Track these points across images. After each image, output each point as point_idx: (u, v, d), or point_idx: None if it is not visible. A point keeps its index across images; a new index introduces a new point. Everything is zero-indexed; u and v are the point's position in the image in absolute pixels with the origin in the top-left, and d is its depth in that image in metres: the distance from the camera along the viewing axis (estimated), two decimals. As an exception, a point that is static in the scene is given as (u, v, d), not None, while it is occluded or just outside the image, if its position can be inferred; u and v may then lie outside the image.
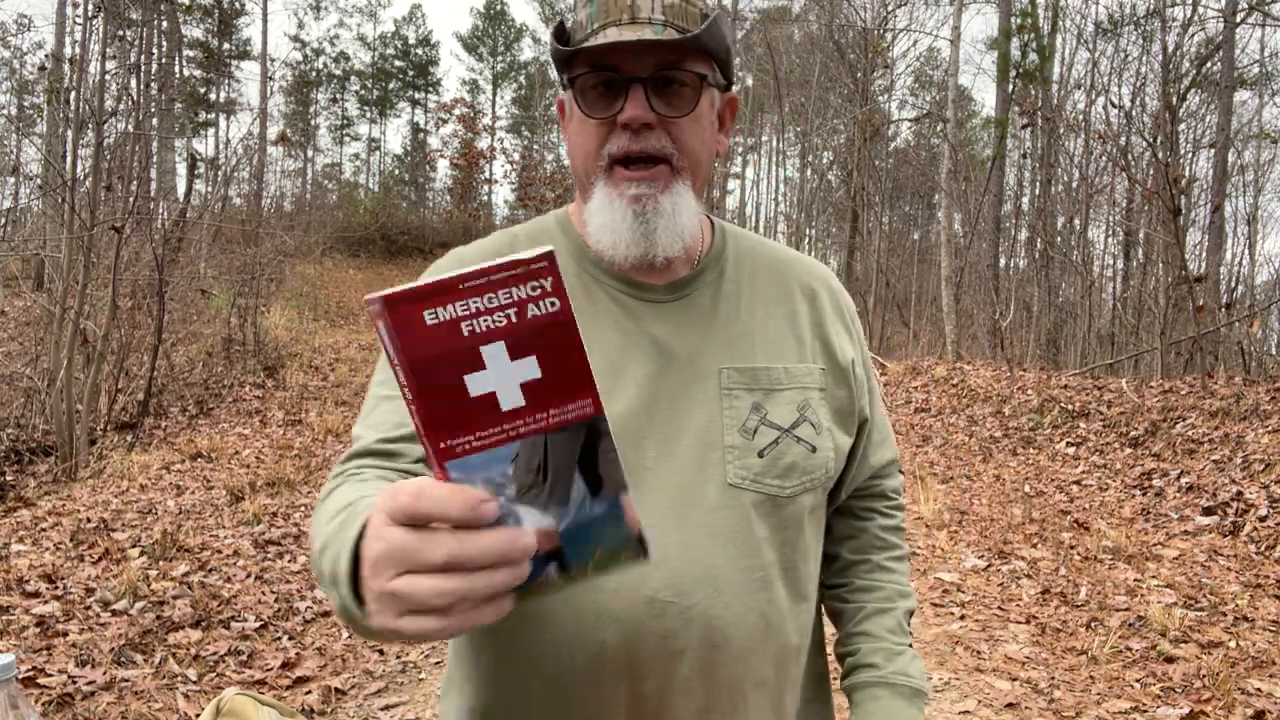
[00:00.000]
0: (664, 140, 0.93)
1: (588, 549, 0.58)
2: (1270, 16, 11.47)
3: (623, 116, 0.91)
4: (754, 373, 0.98)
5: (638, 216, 0.93)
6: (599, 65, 0.92)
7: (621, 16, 0.91)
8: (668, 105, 0.93)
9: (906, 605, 1.09)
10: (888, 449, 1.12)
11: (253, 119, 26.58)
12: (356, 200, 36.12)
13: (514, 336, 0.52)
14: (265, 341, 12.04)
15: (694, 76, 0.93)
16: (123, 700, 2.88)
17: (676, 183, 0.95)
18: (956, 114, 14.78)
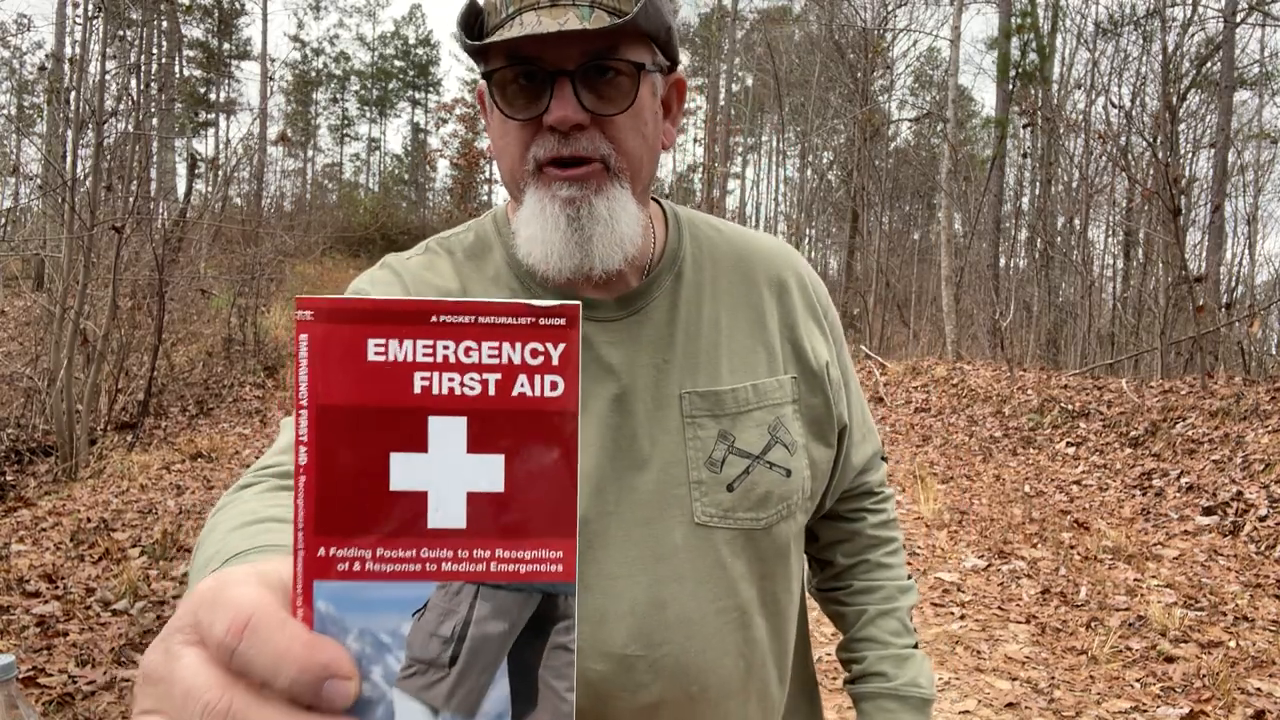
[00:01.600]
0: (598, 140, 0.80)
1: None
2: (1270, 16, 11.48)
3: (548, 118, 0.78)
4: (718, 396, 0.87)
5: (571, 222, 0.80)
6: (517, 58, 0.78)
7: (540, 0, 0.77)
8: (601, 100, 0.79)
9: (908, 601, 1.07)
10: (869, 443, 1.05)
11: (253, 119, 26.60)
12: (356, 200, 36.15)
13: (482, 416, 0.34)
14: (265, 341, 12.04)
15: (630, 65, 0.79)
16: (123, 700, 2.88)
17: (612, 185, 0.81)
18: (956, 114, 14.78)
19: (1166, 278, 11.98)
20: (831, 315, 1.00)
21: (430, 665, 0.35)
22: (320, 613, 0.34)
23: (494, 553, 0.35)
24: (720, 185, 22.15)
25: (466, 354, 0.34)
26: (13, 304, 13.37)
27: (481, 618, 0.35)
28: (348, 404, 0.34)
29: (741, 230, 0.99)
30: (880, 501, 1.09)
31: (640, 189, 0.85)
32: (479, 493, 0.34)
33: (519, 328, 0.35)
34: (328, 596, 0.34)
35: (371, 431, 0.34)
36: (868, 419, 1.07)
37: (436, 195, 44.75)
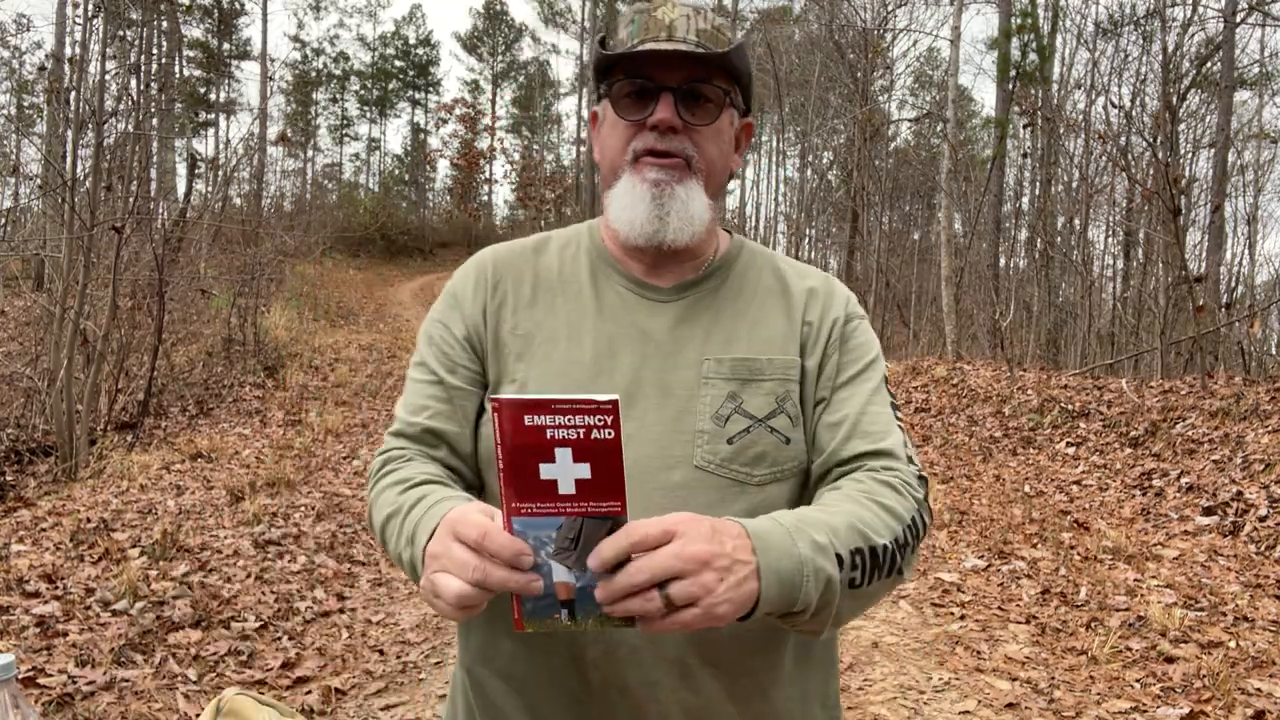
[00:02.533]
0: (685, 144, 1.04)
1: (592, 608, 0.78)
2: (1270, 16, 11.47)
3: (652, 119, 1.02)
4: (735, 363, 1.04)
5: (655, 199, 1.03)
6: (635, 73, 1.04)
7: (659, 35, 1.04)
8: (693, 114, 1.04)
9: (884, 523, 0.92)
10: (877, 441, 1.01)
11: (253, 119, 26.59)
12: (356, 200, 36.12)
13: (579, 447, 0.73)
14: (265, 341, 12.04)
15: (718, 91, 1.04)
16: (123, 700, 2.88)
17: (691, 179, 1.04)
18: (956, 114, 14.78)
19: (1166, 278, 11.98)
20: (839, 342, 1.09)
21: (565, 550, 0.76)
22: (516, 529, 0.76)
23: (588, 504, 0.75)
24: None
25: (569, 420, 0.73)
26: (13, 304, 13.37)
27: (586, 530, 0.76)
28: (519, 444, 0.73)
29: (795, 261, 1.19)
30: (885, 469, 1.00)
31: (712, 190, 1.07)
32: (580, 478, 0.74)
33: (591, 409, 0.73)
34: (518, 524, 0.76)
35: (530, 456, 0.74)
36: (880, 422, 1.03)
37: (436, 195, 44.75)
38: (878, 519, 0.92)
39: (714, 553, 0.77)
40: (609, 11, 29.15)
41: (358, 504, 5.58)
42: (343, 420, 8.03)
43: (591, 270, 1.12)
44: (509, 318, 1.09)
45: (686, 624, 0.76)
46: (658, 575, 0.75)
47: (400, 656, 3.54)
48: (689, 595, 0.75)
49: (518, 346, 1.07)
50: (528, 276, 1.12)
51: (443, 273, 31.46)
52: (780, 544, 0.82)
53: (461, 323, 1.10)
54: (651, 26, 1.05)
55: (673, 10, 1.05)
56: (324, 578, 4.28)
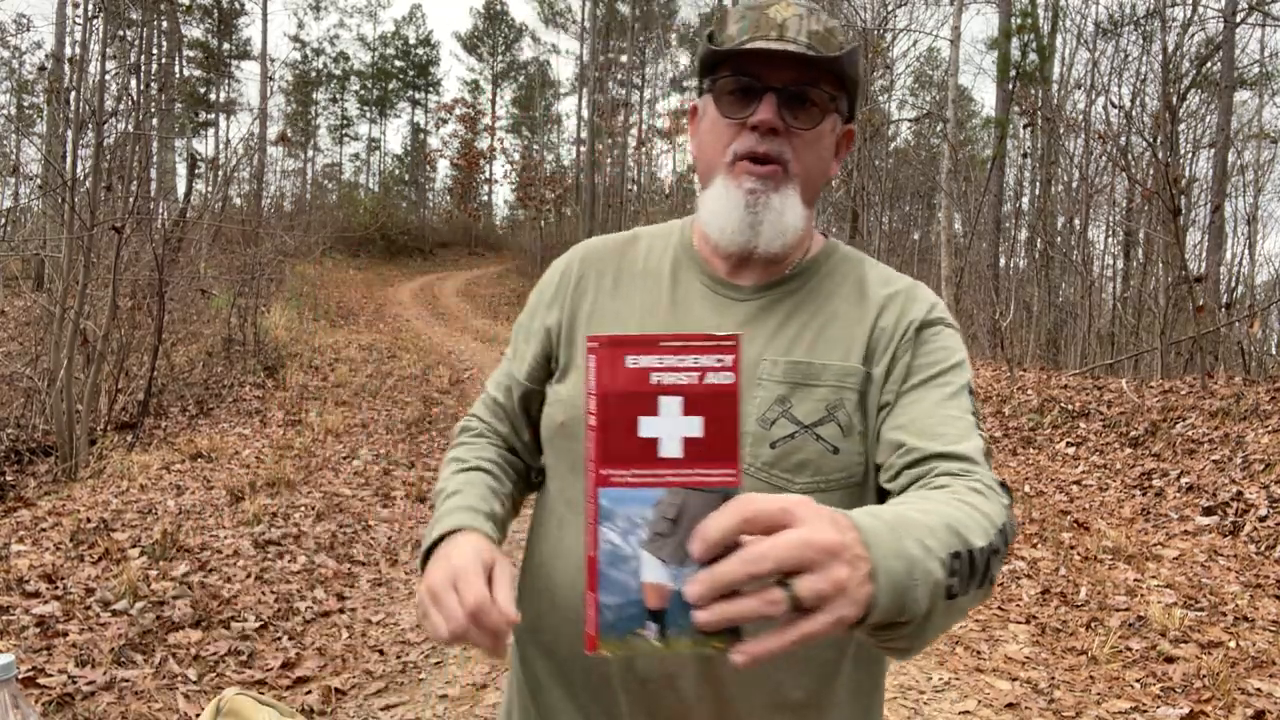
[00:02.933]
0: (785, 148, 1.01)
1: (688, 620, 0.60)
2: (1270, 16, 11.47)
3: (754, 119, 1.00)
4: (790, 365, 1.01)
5: (749, 207, 1.01)
6: (741, 71, 1.01)
7: (770, 33, 1.01)
8: (795, 117, 1.01)
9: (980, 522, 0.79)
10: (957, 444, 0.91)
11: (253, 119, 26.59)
12: (356, 200, 36.12)
13: (690, 395, 0.61)
14: (265, 341, 12.04)
15: (824, 96, 1.02)
16: (123, 700, 2.88)
17: (787, 186, 1.02)
18: (956, 114, 14.77)
19: (1166, 278, 11.98)
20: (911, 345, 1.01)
21: (661, 535, 0.61)
22: (603, 506, 0.62)
23: (696, 471, 0.61)
24: (720, 185, 22.01)
25: (679, 361, 0.61)
26: (13, 304, 13.37)
27: (690, 508, 0.61)
28: (615, 391, 0.62)
29: (889, 269, 1.13)
30: (961, 475, 0.89)
31: (807, 197, 1.05)
32: (689, 437, 0.61)
33: (707, 346, 0.61)
34: (606, 497, 0.62)
35: (628, 405, 0.61)
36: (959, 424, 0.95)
37: (436, 195, 44.76)
38: (972, 520, 0.78)
39: (842, 542, 0.61)
40: (609, 11, 29.13)
41: (358, 504, 5.58)
42: (343, 420, 8.03)
43: (674, 265, 1.12)
44: (586, 307, 1.12)
45: (811, 634, 0.60)
46: (784, 563, 0.58)
47: (400, 656, 3.54)
48: (818, 594, 0.59)
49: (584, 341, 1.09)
50: (610, 269, 1.14)
51: (443, 273, 31.48)
52: (888, 541, 0.67)
53: (542, 313, 1.16)
54: (762, 24, 1.02)
55: (786, 9, 1.02)
56: (324, 578, 4.28)
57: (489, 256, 37.14)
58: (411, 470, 6.63)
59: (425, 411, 8.90)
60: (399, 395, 9.83)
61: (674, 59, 36.21)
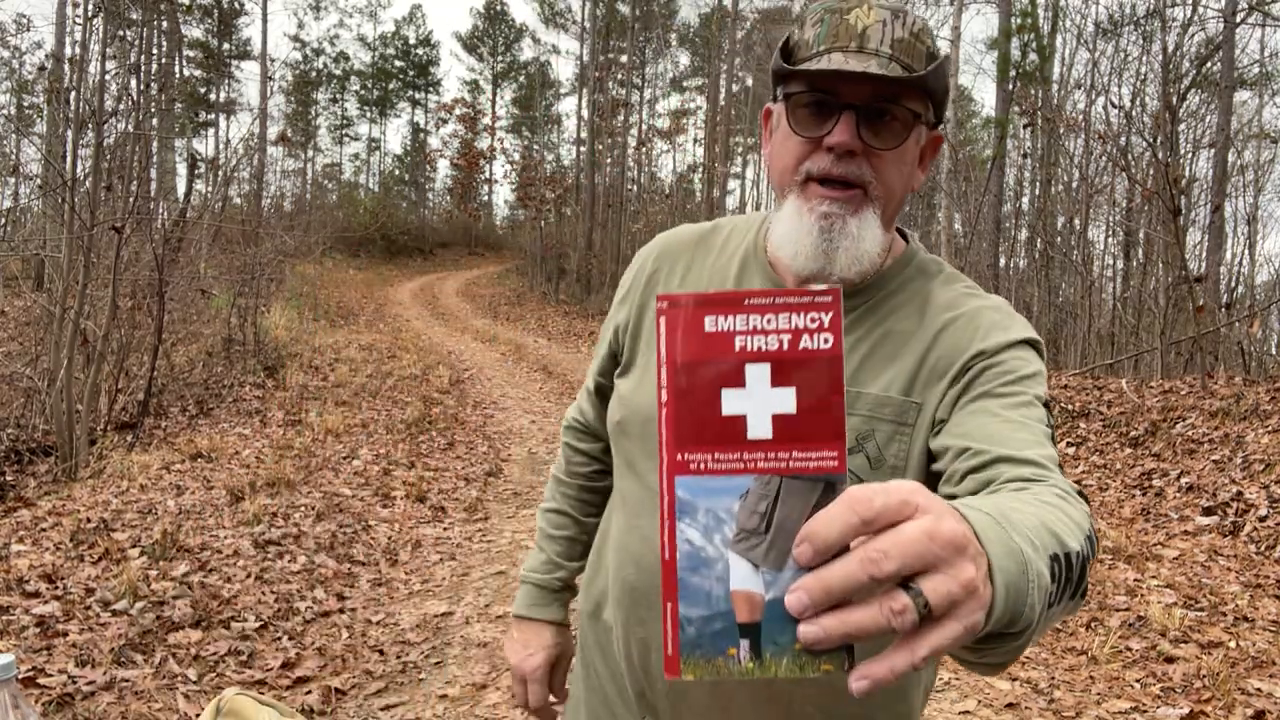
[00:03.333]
0: (864, 169, 0.94)
1: (788, 637, 0.49)
2: (1270, 16, 11.47)
3: (830, 139, 0.93)
4: None
5: (823, 233, 0.94)
6: (816, 86, 0.93)
7: (849, 44, 0.92)
8: (875, 136, 0.93)
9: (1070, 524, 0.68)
10: (1033, 450, 0.83)
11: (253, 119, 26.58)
12: (356, 200, 36.13)
13: (781, 362, 0.51)
14: (265, 341, 12.03)
15: (908, 113, 0.94)
16: (123, 700, 2.88)
17: (867, 209, 0.95)
18: (956, 114, 14.78)
19: (1166, 278, 11.98)
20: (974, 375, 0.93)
21: (751, 533, 0.51)
22: (680, 498, 0.51)
23: (791, 454, 0.51)
24: (720, 185, 22.13)
25: (768, 322, 0.52)
26: (13, 304, 13.37)
27: (785, 499, 0.51)
28: (692, 360, 0.52)
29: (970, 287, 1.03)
30: (1035, 479, 0.80)
31: (888, 217, 0.98)
32: (780, 414, 0.51)
33: (802, 304, 0.52)
34: (684, 487, 0.51)
35: (709, 378, 0.52)
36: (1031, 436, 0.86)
37: (436, 195, 44.76)
38: (1063, 522, 0.68)
39: (967, 535, 0.50)
40: (609, 11, 29.13)
41: (358, 504, 5.58)
42: (343, 420, 8.03)
43: (742, 266, 1.07)
44: (653, 302, 1.09)
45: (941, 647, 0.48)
46: (910, 564, 0.46)
47: (400, 656, 3.54)
48: (950, 597, 0.47)
49: (649, 331, 1.10)
50: (681, 265, 1.11)
51: (443, 273, 31.49)
52: (999, 537, 0.55)
53: (614, 313, 1.16)
54: (842, 33, 0.93)
55: (867, 14, 0.93)
56: (324, 578, 4.28)
57: (489, 256, 37.15)
58: (411, 470, 6.63)
59: (425, 411, 8.90)
60: (399, 395, 9.83)
61: (674, 59, 36.21)
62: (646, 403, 1.04)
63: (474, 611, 4.05)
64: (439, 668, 3.48)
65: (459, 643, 3.71)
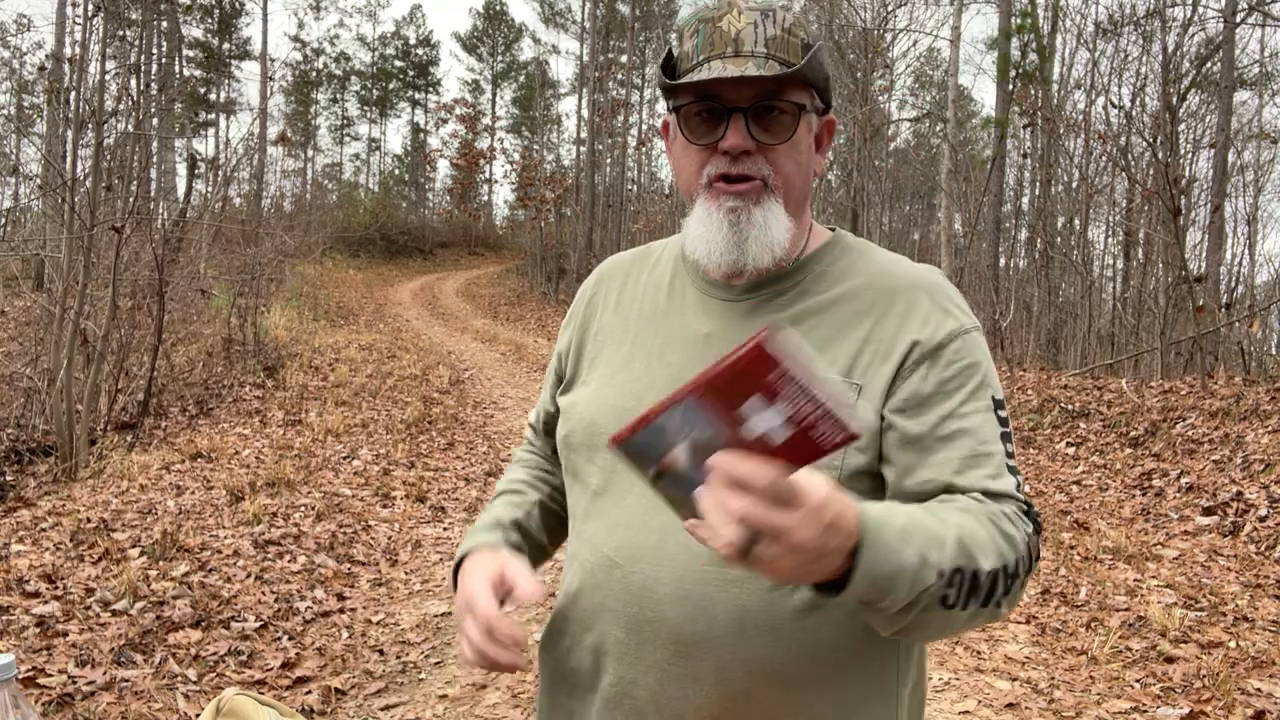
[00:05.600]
0: (760, 164, 0.99)
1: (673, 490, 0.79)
2: (1270, 16, 11.47)
3: (723, 144, 0.97)
4: None
5: (732, 226, 0.99)
6: (702, 95, 0.98)
7: (726, 49, 0.97)
8: (766, 133, 0.98)
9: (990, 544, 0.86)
10: (992, 481, 0.93)
11: (253, 119, 26.59)
12: (356, 200, 36.14)
13: (791, 419, 0.72)
14: (265, 341, 12.03)
15: (793, 106, 0.98)
16: (123, 700, 2.88)
17: (768, 199, 0.99)
18: (956, 114, 14.77)
19: (1166, 278, 11.98)
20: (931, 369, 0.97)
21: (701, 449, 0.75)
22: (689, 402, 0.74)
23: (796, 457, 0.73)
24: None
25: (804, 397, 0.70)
26: (13, 304, 13.37)
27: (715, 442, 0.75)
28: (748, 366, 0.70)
29: (897, 258, 1.09)
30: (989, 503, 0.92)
31: (792, 205, 1.02)
32: (770, 431, 0.72)
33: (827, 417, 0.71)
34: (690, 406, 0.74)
35: (753, 380, 0.70)
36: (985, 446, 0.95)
37: (436, 195, 44.77)
38: (991, 540, 0.86)
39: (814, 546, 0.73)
40: (609, 11, 29.13)
41: (358, 504, 5.58)
42: (343, 420, 8.03)
43: (672, 274, 1.13)
44: (594, 324, 1.17)
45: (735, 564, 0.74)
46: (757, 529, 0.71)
47: (400, 656, 3.54)
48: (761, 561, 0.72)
49: (593, 350, 1.15)
50: (618, 283, 1.17)
51: (442, 273, 31.49)
52: (884, 542, 0.78)
53: (561, 337, 1.22)
54: (717, 41, 0.97)
55: (739, 19, 0.97)
56: (324, 578, 4.28)
57: (489, 256, 37.15)
58: (411, 470, 6.63)
59: (425, 411, 8.90)
60: (399, 395, 9.83)
61: (674, 59, 36.09)
62: (590, 413, 1.08)
63: (474, 611, 4.04)
64: (439, 668, 3.48)
65: (459, 643, 3.71)
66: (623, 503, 1.02)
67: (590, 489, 1.07)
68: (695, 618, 0.95)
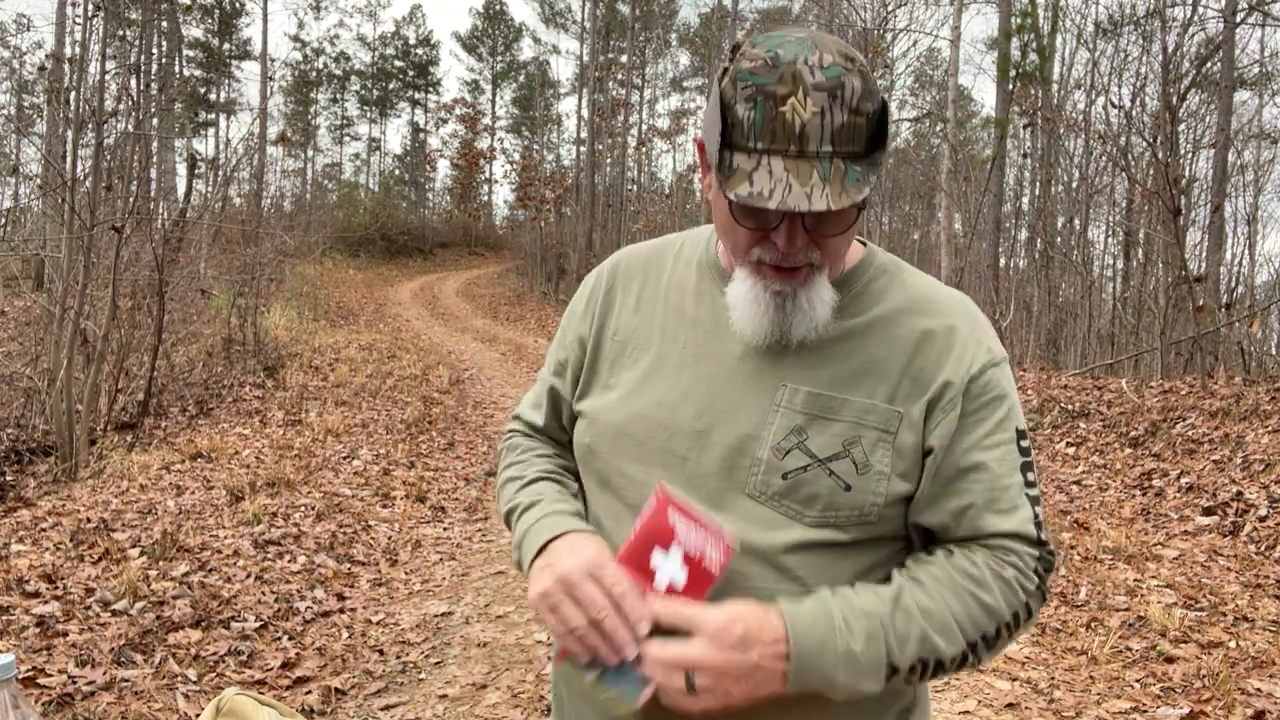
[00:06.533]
0: (811, 252, 0.94)
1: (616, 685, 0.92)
2: (1270, 16, 11.47)
3: (778, 241, 0.93)
4: (813, 397, 0.97)
5: (777, 310, 0.96)
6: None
7: (789, 147, 0.87)
8: (821, 228, 0.93)
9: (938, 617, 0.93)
10: (1000, 520, 0.96)
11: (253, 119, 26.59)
12: (356, 200, 36.13)
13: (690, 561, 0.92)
14: (265, 341, 12.03)
15: (854, 208, 0.91)
16: (123, 700, 2.88)
17: (815, 278, 0.96)
18: (956, 114, 14.77)
19: (1166, 278, 11.98)
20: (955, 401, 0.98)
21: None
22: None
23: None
24: (720, 185, 21.96)
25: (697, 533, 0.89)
26: (13, 304, 13.37)
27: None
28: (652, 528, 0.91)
29: (930, 281, 1.07)
30: (998, 556, 0.96)
31: (836, 270, 1.00)
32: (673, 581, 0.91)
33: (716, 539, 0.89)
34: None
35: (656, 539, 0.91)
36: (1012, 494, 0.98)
37: (436, 195, 44.75)
38: (967, 617, 0.93)
39: (734, 664, 0.86)
40: (609, 11, 29.14)
41: (358, 504, 5.58)
42: (343, 420, 8.03)
43: (699, 281, 1.08)
44: (612, 322, 1.12)
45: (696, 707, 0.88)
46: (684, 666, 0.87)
47: (400, 656, 3.55)
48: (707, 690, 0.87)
49: (613, 352, 1.11)
50: (636, 283, 1.13)
51: (442, 273, 31.48)
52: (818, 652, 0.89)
53: (577, 325, 1.16)
54: (779, 131, 0.86)
55: (804, 107, 0.86)
56: (324, 578, 4.28)
57: (489, 256, 37.14)
58: (411, 470, 6.63)
59: (425, 411, 8.90)
60: (399, 395, 9.83)
61: (674, 59, 36.22)
62: (618, 420, 1.05)
63: (474, 611, 4.05)
64: (439, 668, 3.48)
65: (459, 643, 3.71)
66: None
67: (621, 502, 1.04)
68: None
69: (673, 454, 1.00)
